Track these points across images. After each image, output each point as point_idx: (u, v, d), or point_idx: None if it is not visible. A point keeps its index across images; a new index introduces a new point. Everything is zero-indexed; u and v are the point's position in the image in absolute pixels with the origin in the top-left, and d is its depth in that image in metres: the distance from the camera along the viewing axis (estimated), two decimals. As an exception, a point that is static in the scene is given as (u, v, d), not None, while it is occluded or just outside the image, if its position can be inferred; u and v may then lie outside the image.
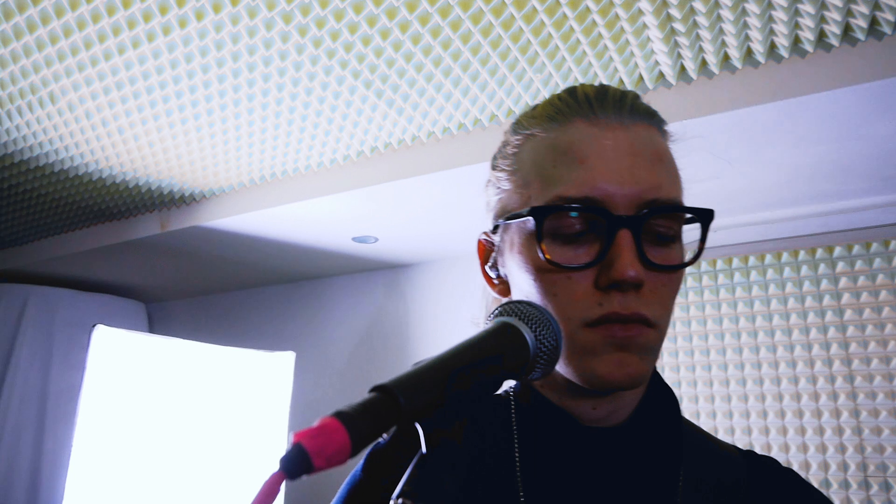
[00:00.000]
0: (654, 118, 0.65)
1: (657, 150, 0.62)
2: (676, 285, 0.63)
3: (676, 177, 0.63)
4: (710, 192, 1.95)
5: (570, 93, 0.66)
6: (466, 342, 0.49)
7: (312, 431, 0.36)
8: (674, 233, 0.61)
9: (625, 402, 0.65)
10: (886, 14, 1.29)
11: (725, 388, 2.05)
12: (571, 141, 0.63)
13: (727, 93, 1.50)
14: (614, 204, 0.59)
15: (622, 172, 0.60)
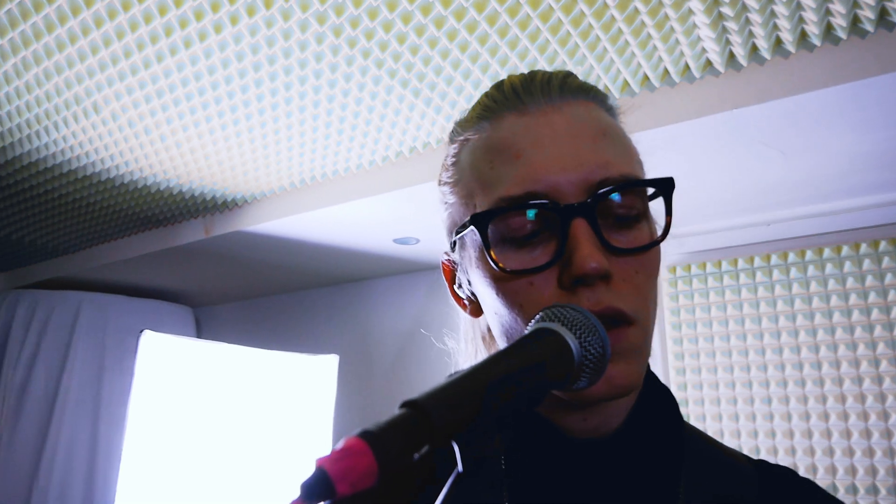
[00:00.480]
0: (590, 93, 0.61)
1: (599, 126, 0.58)
2: (653, 269, 0.57)
3: (627, 150, 0.59)
4: (760, 184, 1.87)
5: (497, 87, 0.62)
6: (505, 350, 0.46)
7: (336, 454, 0.33)
8: (637, 211, 0.56)
9: (618, 408, 0.60)
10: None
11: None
12: (504, 137, 0.58)
13: (780, 79, 1.42)
14: (561, 193, 0.55)
15: (563, 158, 0.55)
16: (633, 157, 0.60)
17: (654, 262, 0.57)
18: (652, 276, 0.57)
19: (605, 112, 0.61)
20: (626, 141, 0.60)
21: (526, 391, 0.43)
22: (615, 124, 0.61)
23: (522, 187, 0.55)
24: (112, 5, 1.36)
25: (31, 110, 1.77)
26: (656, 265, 0.57)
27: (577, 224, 0.53)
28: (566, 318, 0.50)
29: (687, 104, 1.52)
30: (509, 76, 0.63)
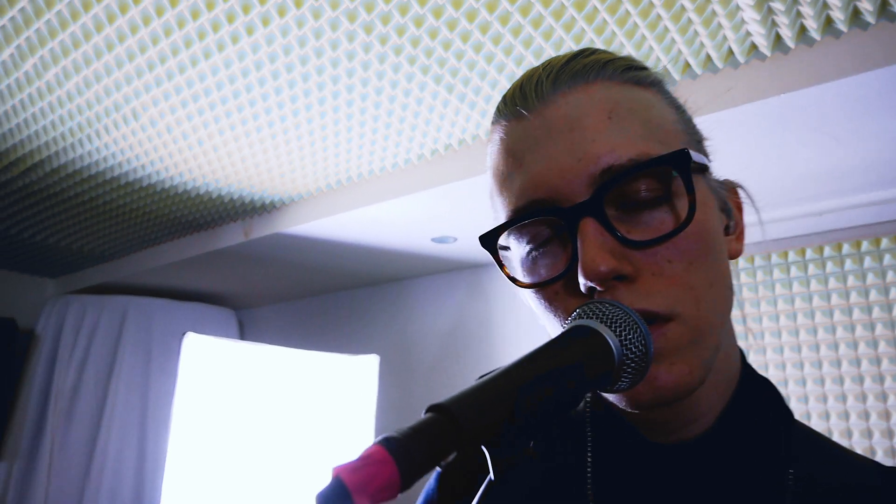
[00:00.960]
0: (598, 71, 0.55)
1: (603, 108, 0.52)
2: (694, 253, 0.50)
3: (644, 126, 0.53)
4: (811, 172, 1.79)
5: (502, 98, 0.59)
6: (539, 350, 0.43)
7: (355, 463, 0.31)
8: (660, 192, 0.51)
9: (710, 401, 0.54)
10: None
11: (820, 386, 1.87)
12: (507, 148, 0.56)
13: (832, 61, 1.35)
14: (565, 195, 0.51)
15: (560, 156, 0.51)
16: (653, 132, 0.53)
17: (695, 245, 0.50)
18: (695, 262, 0.50)
19: (622, 85, 0.55)
20: (648, 114, 0.54)
21: (561, 393, 0.40)
22: (631, 97, 0.54)
23: (525, 197, 0.53)
24: (146, 11, 1.37)
25: (73, 119, 1.80)
26: (698, 249, 0.50)
27: (583, 224, 0.50)
28: (605, 315, 0.47)
29: (731, 91, 1.46)
30: (519, 79, 0.60)
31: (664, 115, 0.55)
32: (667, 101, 0.57)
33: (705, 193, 0.54)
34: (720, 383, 0.55)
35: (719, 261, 0.53)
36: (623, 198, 0.51)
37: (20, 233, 2.77)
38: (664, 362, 0.49)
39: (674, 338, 0.49)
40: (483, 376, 0.41)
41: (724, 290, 0.53)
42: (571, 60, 0.56)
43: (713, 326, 0.51)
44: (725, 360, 0.56)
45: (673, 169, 0.50)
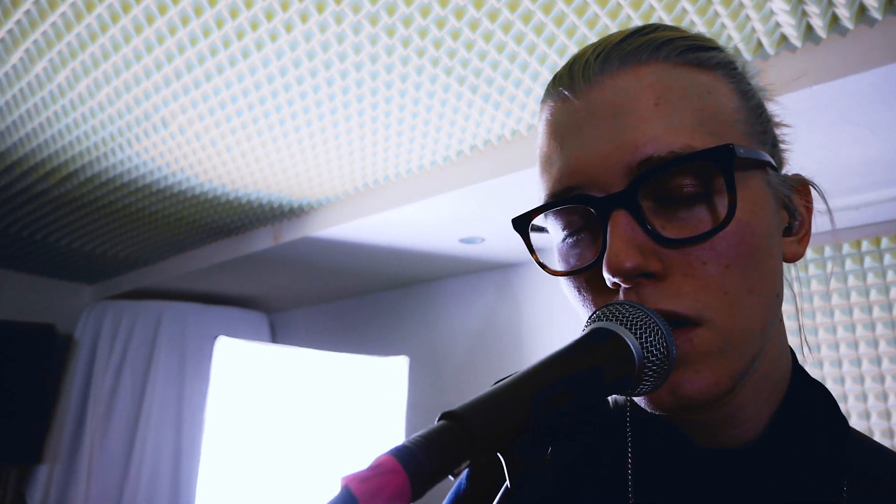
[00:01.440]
0: (660, 49, 0.51)
1: (652, 93, 0.49)
2: (733, 257, 0.47)
3: (693, 115, 0.49)
4: (847, 165, 1.74)
5: (553, 76, 0.56)
6: (556, 354, 0.42)
7: (365, 473, 0.30)
8: (701, 189, 0.47)
9: (756, 407, 0.52)
10: None
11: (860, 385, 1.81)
12: (551, 129, 0.53)
13: (866, 50, 1.31)
14: (600, 183, 0.48)
15: (600, 143, 0.49)
16: (703, 122, 0.49)
17: (735, 247, 0.47)
18: (733, 265, 0.47)
19: (679, 67, 0.51)
20: (702, 101, 0.50)
21: (578, 399, 0.39)
22: (686, 82, 0.50)
23: (562, 182, 0.51)
24: (172, 22, 1.39)
25: (105, 128, 1.84)
26: (738, 251, 0.47)
27: (615, 216, 0.47)
28: (625, 317, 0.45)
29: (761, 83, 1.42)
30: (572, 57, 0.56)
31: (723, 102, 0.51)
32: (733, 87, 0.53)
33: (758, 192, 0.50)
34: (765, 388, 0.52)
35: (766, 265, 0.49)
36: (662, 191, 0.48)
37: (58, 241, 2.84)
38: (689, 369, 0.46)
39: (701, 344, 0.46)
40: (499, 382, 0.40)
41: (767, 296, 0.49)
42: (626, 39, 0.52)
43: (749, 336, 0.48)
44: (772, 364, 0.53)
45: (715, 165, 0.47)
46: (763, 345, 0.50)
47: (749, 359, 0.49)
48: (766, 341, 0.50)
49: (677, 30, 0.54)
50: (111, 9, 1.35)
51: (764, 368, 0.52)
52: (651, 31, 0.53)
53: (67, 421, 3.08)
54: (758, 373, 0.51)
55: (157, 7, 1.35)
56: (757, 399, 0.52)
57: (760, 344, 0.49)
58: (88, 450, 3.03)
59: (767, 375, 0.52)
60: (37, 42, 1.47)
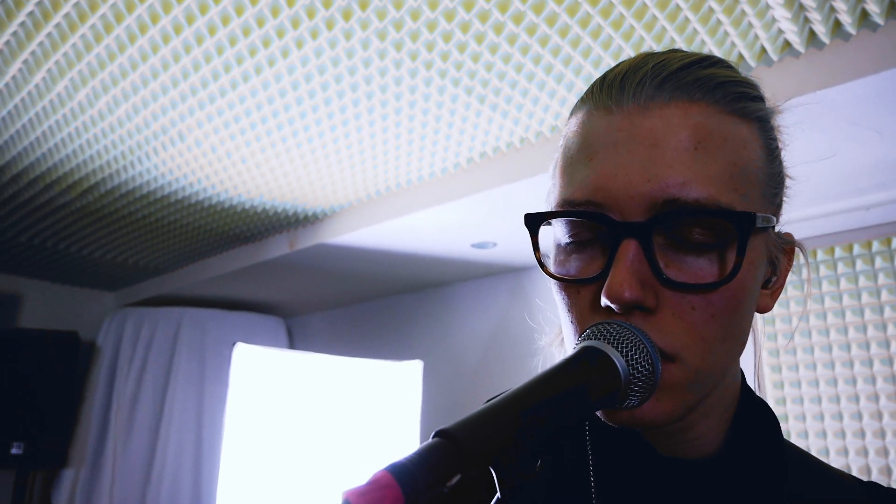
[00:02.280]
0: (715, 90, 0.51)
1: (694, 136, 0.49)
2: (720, 310, 0.49)
3: (724, 169, 0.50)
4: (855, 167, 1.74)
5: (604, 75, 0.55)
6: (546, 373, 0.44)
7: (363, 488, 0.34)
8: (712, 241, 0.49)
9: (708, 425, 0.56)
10: None
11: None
12: (587, 134, 0.53)
13: (869, 55, 1.32)
14: (621, 208, 0.49)
15: (632, 169, 0.49)
16: (732, 178, 0.50)
17: (724, 302, 0.49)
18: (717, 317, 0.49)
19: (725, 115, 0.51)
20: (736, 155, 0.50)
21: (566, 415, 0.42)
22: (727, 131, 0.51)
23: (584, 193, 0.51)
24: (187, 41, 1.44)
25: (125, 142, 1.89)
26: (726, 307, 0.49)
27: (625, 245, 0.49)
28: (612, 336, 0.48)
29: (765, 90, 1.44)
30: (626, 61, 0.55)
31: (753, 159, 0.52)
32: (763, 143, 0.54)
33: (757, 252, 0.52)
34: (718, 408, 0.56)
35: (743, 317, 0.52)
36: (676, 232, 0.49)
37: (80, 250, 2.91)
38: (652, 397, 0.49)
39: (670, 378, 0.49)
40: (491, 399, 0.43)
41: (736, 344, 0.53)
42: (686, 68, 0.52)
43: (713, 376, 0.52)
44: (726, 389, 0.57)
45: (735, 227, 0.49)
46: (720, 379, 0.54)
47: (705, 393, 0.52)
48: (726, 375, 0.54)
49: (732, 70, 0.55)
50: (129, 29, 1.40)
51: (717, 393, 0.55)
52: (709, 66, 0.54)
53: (92, 425, 3.16)
54: (710, 398, 0.54)
55: (173, 27, 1.39)
56: (708, 418, 0.56)
57: (718, 381, 0.53)
58: (112, 453, 3.10)
59: (720, 397, 0.56)
60: (58, 62, 1.52)
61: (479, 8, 1.33)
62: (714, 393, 0.55)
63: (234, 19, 1.37)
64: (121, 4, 1.34)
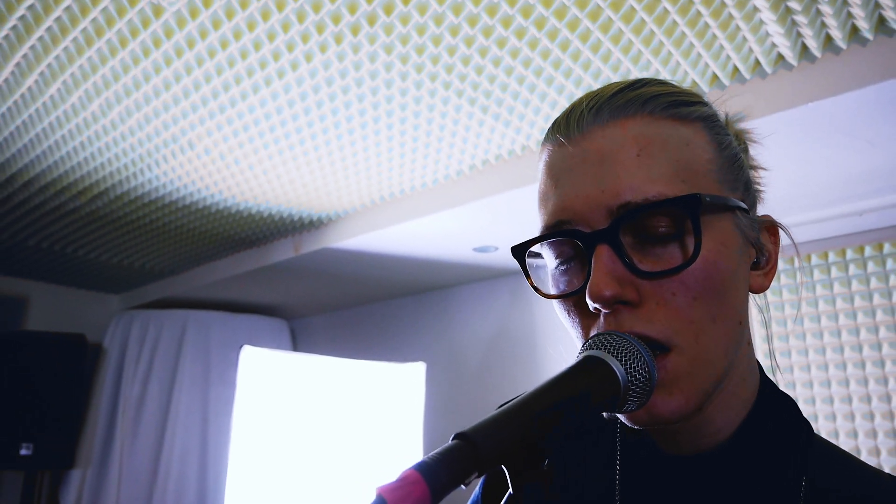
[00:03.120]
0: (646, 104, 0.57)
1: (634, 145, 0.55)
2: (700, 290, 0.53)
3: (669, 166, 0.55)
4: (848, 174, 1.79)
5: (555, 120, 0.62)
6: (551, 381, 0.49)
7: (394, 484, 0.38)
8: (673, 230, 0.54)
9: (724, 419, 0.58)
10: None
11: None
12: (549, 168, 0.60)
13: (858, 69, 1.37)
14: (586, 220, 0.55)
15: (587, 185, 0.56)
16: (679, 173, 0.55)
17: (701, 282, 0.53)
18: (699, 298, 0.53)
19: (662, 121, 0.57)
20: (679, 154, 0.56)
21: (569, 420, 0.47)
22: (668, 135, 0.56)
23: (555, 216, 0.57)
24: (200, 54, 1.48)
25: (135, 150, 1.94)
26: (704, 285, 0.54)
27: (598, 250, 0.54)
28: (611, 345, 0.52)
29: (759, 101, 1.49)
30: (575, 101, 0.62)
31: (698, 154, 0.57)
32: (710, 138, 0.59)
33: (726, 232, 0.56)
34: (733, 402, 0.59)
35: (730, 297, 0.55)
36: (641, 230, 0.55)
37: (87, 254, 2.95)
38: (663, 392, 0.53)
39: (672, 369, 0.53)
40: (503, 405, 0.48)
41: (731, 324, 0.56)
42: (618, 93, 0.58)
43: (714, 359, 0.54)
44: (740, 381, 0.59)
45: (685, 212, 0.54)
46: (729, 366, 0.57)
47: (715, 379, 0.55)
48: (731, 363, 0.57)
49: (665, 84, 0.61)
50: (143, 44, 1.45)
51: (732, 386, 0.58)
52: (640, 87, 0.59)
53: (98, 427, 3.20)
54: (725, 390, 0.58)
55: (186, 42, 1.44)
56: (726, 413, 0.59)
57: (725, 365, 0.56)
58: (119, 454, 3.14)
59: (735, 392, 0.59)
60: (73, 74, 1.57)
61: (483, 24, 1.37)
62: (728, 386, 0.58)
63: (245, 34, 1.41)
64: (136, 20, 1.38)
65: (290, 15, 1.36)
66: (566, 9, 1.32)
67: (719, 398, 0.58)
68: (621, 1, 1.30)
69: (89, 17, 1.37)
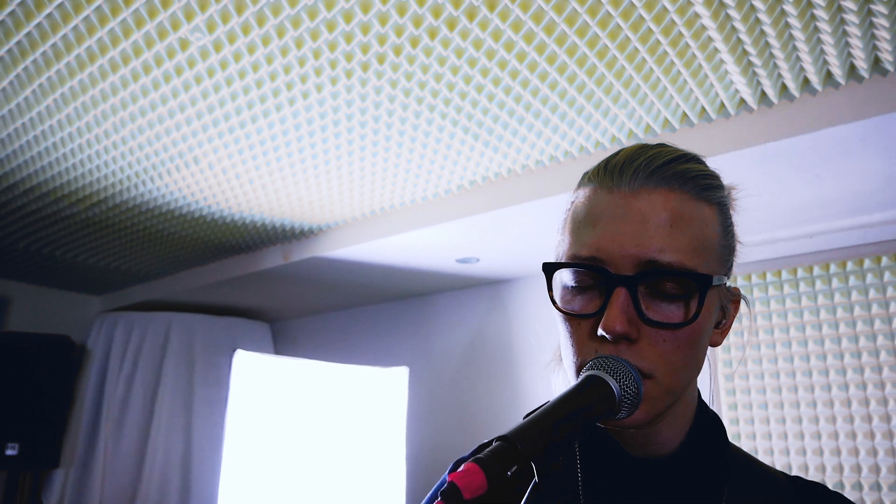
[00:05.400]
0: (688, 182, 0.70)
1: (670, 216, 0.68)
2: (682, 342, 0.67)
3: (692, 241, 0.68)
4: (799, 202, 1.98)
5: (606, 160, 0.74)
6: (564, 396, 0.63)
7: (461, 474, 0.52)
8: (679, 292, 0.67)
9: (670, 431, 0.74)
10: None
11: (792, 395, 2.07)
12: (593, 206, 0.71)
13: (809, 115, 1.55)
14: (615, 264, 0.67)
15: (624, 236, 0.67)
16: (696, 248, 0.68)
17: (685, 338, 0.67)
18: (681, 348, 0.67)
19: (695, 200, 0.70)
20: (700, 232, 0.69)
21: (580, 425, 0.61)
22: (696, 214, 0.69)
23: (589, 251, 0.69)
24: (199, 73, 1.58)
25: (126, 158, 2.03)
26: (687, 340, 0.67)
27: (618, 291, 0.66)
28: (610, 367, 0.67)
29: (724, 139, 1.66)
30: (621, 151, 0.74)
31: (712, 235, 0.71)
32: (720, 222, 0.73)
33: (713, 302, 0.70)
34: (679, 418, 0.75)
35: (699, 349, 0.70)
36: (655, 285, 0.67)
37: (74, 256, 3.01)
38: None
39: (647, 392, 0.67)
40: (529, 414, 0.62)
41: (694, 369, 0.72)
42: (669, 163, 0.71)
43: (678, 390, 0.70)
44: (685, 403, 0.75)
45: (695, 285, 0.67)
46: (682, 394, 0.73)
47: (671, 403, 0.72)
48: (686, 391, 0.74)
49: (703, 164, 0.75)
50: (145, 63, 1.55)
51: (680, 407, 0.75)
52: (685, 162, 0.73)
53: (82, 427, 3.25)
54: (674, 410, 0.74)
55: (187, 62, 1.54)
56: (672, 427, 0.75)
57: (677, 398, 0.72)
58: (103, 455, 3.20)
59: (680, 410, 0.75)
60: (72, 87, 1.65)
61: (468, 55, 1.48)
62: (677, 406, 0.74)
63: (245, 56, 1.51)
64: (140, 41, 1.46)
65: (288, 42, 1.46)
66: (545, 45, 1.45)
67: (669, 415, 0.73)
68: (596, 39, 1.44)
69: (84, 45, 1.48)
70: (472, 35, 1.43)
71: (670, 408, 0.72)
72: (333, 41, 1.46)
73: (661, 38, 1.40)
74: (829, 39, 1.37)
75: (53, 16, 1.41)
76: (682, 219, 0.69)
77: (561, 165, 1.96)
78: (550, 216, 2.14)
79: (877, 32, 1.35)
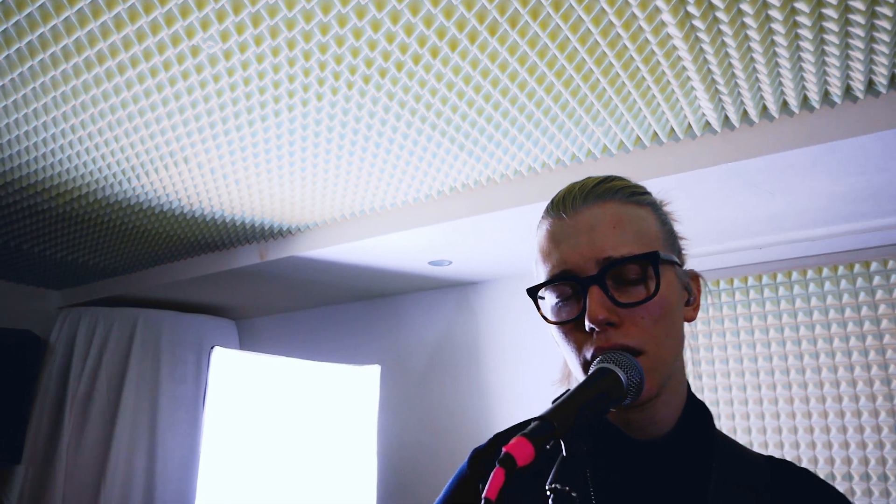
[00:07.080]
0: (616, 193, 0.86)
1: (613, 220, 0.83)
2: (657, 314, 0.80)
3: (638, 233, 0.83)
4: (755, 217, 2.17)
5: (552, 200, 0.90)
6: (582, 384, 0.75)
7: (513, 445, 0.63)
8: (639, 275, 0.81)
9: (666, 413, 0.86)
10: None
11: (759, 405, 2.26)
12: (551, 233, 0.87)
13: (766, 139, 1.72)
14: (582, 269, 0.81)
15: (582, 245, 0.82)
16: (640, 239, 0.82)
17: (657, 309, 0.80)
18: (659, 319, 0.80)
19: (627, 205, 0.85)
20: (639, 226, 0.84)
21: (599, 409, 0.73)
22: (632, 214, 0.85)
23: (559, 267, 0.83)
24: (191, 85, 1.64)
25: (99, 150, 2.04)
26: (661, 313, 0.81)
27: (591, 289, 0.80)
28: (617, 360, 0.79)
29: (688, 158, 1.82)
30: (560, 191, 0.90)
31: (651, 226, 0.86)
32: (655, 216, 0.88)
33: (671, 278, 0.84)
34: (672, 402, 0.88)
35: (675, 321, 0.84)
36: (619, 276, 0.81)
37: (31, 248, 2.98)
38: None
39: (645, 367, 0.79)
40: (557, 399, 0.73)
41: (676, 340, 0.84)
42: (599, 184, 0.87)
43: (667, 361, 0.82)
44: (677, 387, 0.87)
45: (648, 263, 0.82)
46: (673, 369, 0.85)
47: (666, 376, 0.84)
48: (674, 368, 0.86)
49: (627, 180, 0.91)
50: (141, 74, 1.61)
51: (672, 388, 0.87)
52: (611, 181, 0.88)
53: (44, 423, 3.21)
54: (667, 391, 0.86)
55: (181, 74, 1.60)
56: (667, 408, 0.87)
57: (672, 367, 0.85)
58: (65, 451, 3.16)
59: (674, 393, 0.88)
60: (75, 88, 1.69)
61: (454, 63, 1.56)
62: (672, 383, 0.85)
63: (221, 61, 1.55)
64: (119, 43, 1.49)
65: (281, 43, 1.53)
66: (527, 56, 1.56)
67: (665, 393, 0.85)
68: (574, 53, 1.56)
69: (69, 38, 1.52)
70: (461, 46, 1.51)
71: (670, 379, 0.85)
72: (324, 44, 1.51)
73: (636, 55, 1.51)
74: (787, 73, 1.54)
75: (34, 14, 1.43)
76: (621, 220, 0.84)
77: (538, 176, 2.09)
78: (527, 223, 2.27)
79: (828, 70, 1.53)
